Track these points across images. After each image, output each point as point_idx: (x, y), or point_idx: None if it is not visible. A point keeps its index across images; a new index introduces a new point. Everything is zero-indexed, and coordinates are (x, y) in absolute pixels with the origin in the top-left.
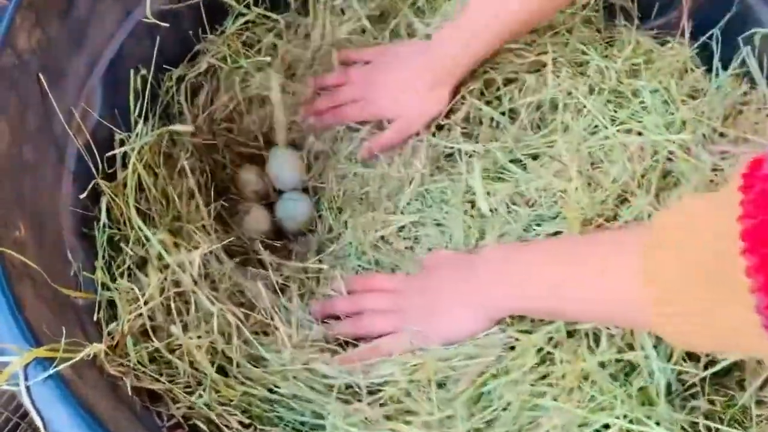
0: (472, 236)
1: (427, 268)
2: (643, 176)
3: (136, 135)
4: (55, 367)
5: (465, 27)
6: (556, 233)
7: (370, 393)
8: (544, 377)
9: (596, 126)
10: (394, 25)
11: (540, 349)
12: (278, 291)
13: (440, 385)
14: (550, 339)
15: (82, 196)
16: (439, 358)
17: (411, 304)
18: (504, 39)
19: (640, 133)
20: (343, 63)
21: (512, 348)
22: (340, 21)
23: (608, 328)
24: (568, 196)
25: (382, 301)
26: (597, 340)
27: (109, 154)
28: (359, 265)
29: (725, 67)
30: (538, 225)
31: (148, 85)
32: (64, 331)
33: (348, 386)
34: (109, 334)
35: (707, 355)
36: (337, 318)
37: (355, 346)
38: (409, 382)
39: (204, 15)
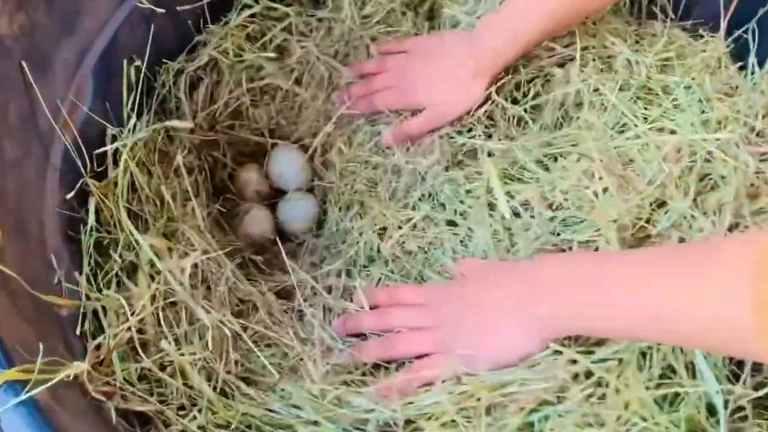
0: (501, 243)
1: (460, 277)
2: (679, 178)
3: (129, 130)
4: (27, 391)
5: (511, 18)
6: (588, 241)
7: (407, 422)
8: (593, 404)
9: (624, 124)
10: (427, 13)
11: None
12: (298, 306)
13: (486, 411)
14: (618, 362)
15: (68, 197)
16: (491, 386)
17: (449, 320)
18: (549, 33)
19: (673, 132)
20: (382, 54)
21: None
22: (366, 12)
23: (659, 347)
24: (597, 199)
25: (415, 317)
26: (643, 359)
27: (99, 150)
28: (382, 273)
29: (761, 63)
30: (562, 231)
31: (142, 77)
32: (42, 349)
33: None
34: (96, 348)
35: (753, 375)
36: (359, 335)
37: (386, 368)
38: (457, 413)
39: (205, 5)
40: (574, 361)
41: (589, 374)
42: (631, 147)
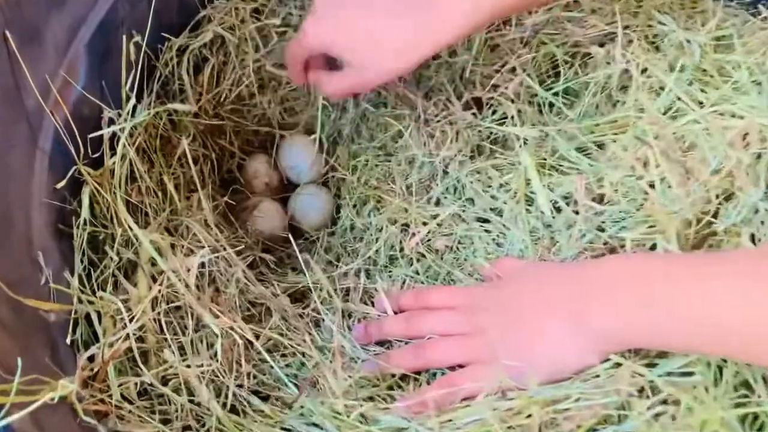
0: (541, 242)
1: (495, 278)
2: (748, 166)
3: (128, 113)
4: (2, 417)
5: None
6: (642, 239)
7: None
8: (663, 425)
9: (678, 110)
10: None
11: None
12: (313, 311)
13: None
14: (690, 375)
15: (59, 186)
16: (543, 401)
17: (488, 325)
18: (520, 7)
19: (733, 116)
20: None
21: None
22: None
23: (736, 363)
24: (654, 191)
25: (448, 322)
26: (719, 374)
27: (94, 134)
28: (406, 275)
29: None
30: (611, 228)
31: (143, 55)
32: (21, 365)
33: None
34: (89, 359)
35: None
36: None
37: (416, 380)
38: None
39: None
40: (637, 375)
41: (654, 390)
42: (691, 132)
